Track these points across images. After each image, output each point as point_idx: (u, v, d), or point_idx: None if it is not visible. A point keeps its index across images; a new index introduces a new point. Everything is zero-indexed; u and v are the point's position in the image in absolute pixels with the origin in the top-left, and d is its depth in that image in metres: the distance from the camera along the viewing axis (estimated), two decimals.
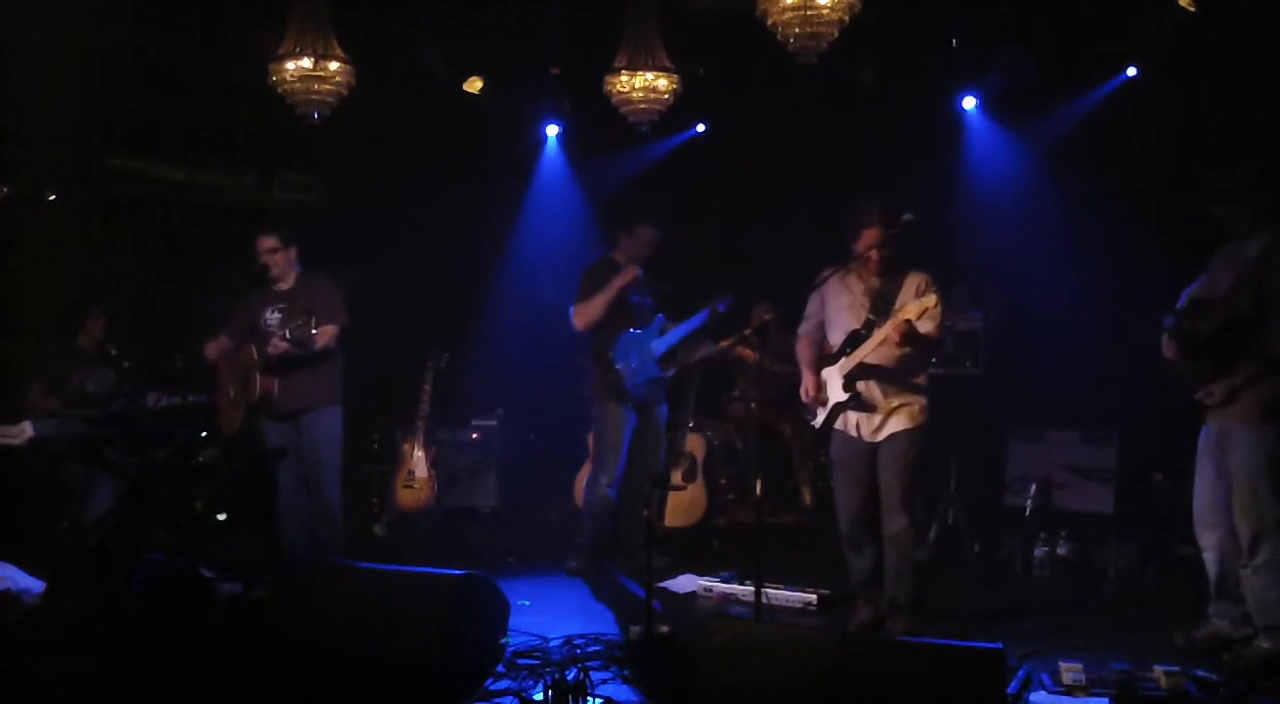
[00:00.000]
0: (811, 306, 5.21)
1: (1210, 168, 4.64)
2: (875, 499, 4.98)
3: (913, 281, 4.90)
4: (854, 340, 4.92)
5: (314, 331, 5.64)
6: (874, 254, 4.92)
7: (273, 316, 5.93)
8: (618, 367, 6.01)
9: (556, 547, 7.03)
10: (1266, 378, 4.35)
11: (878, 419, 4.94)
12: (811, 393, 5.07)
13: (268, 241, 5.92)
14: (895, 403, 4.92)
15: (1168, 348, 4.58)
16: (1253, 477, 4.39)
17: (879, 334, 4.80)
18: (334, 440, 5.99)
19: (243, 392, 5.94)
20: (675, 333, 6.04)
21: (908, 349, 4.80)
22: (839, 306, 5.05)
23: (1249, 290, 4.35)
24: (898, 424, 4.92)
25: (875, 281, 4.97)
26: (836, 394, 4.98)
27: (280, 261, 5.93)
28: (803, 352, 5.18)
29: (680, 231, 6.82)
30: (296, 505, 5.96)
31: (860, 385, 4.92)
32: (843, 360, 4.96)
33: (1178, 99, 6.95)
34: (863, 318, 4.92)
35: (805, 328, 5.22)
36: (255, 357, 5.85)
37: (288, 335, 5.64)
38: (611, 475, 6.05)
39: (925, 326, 4.76)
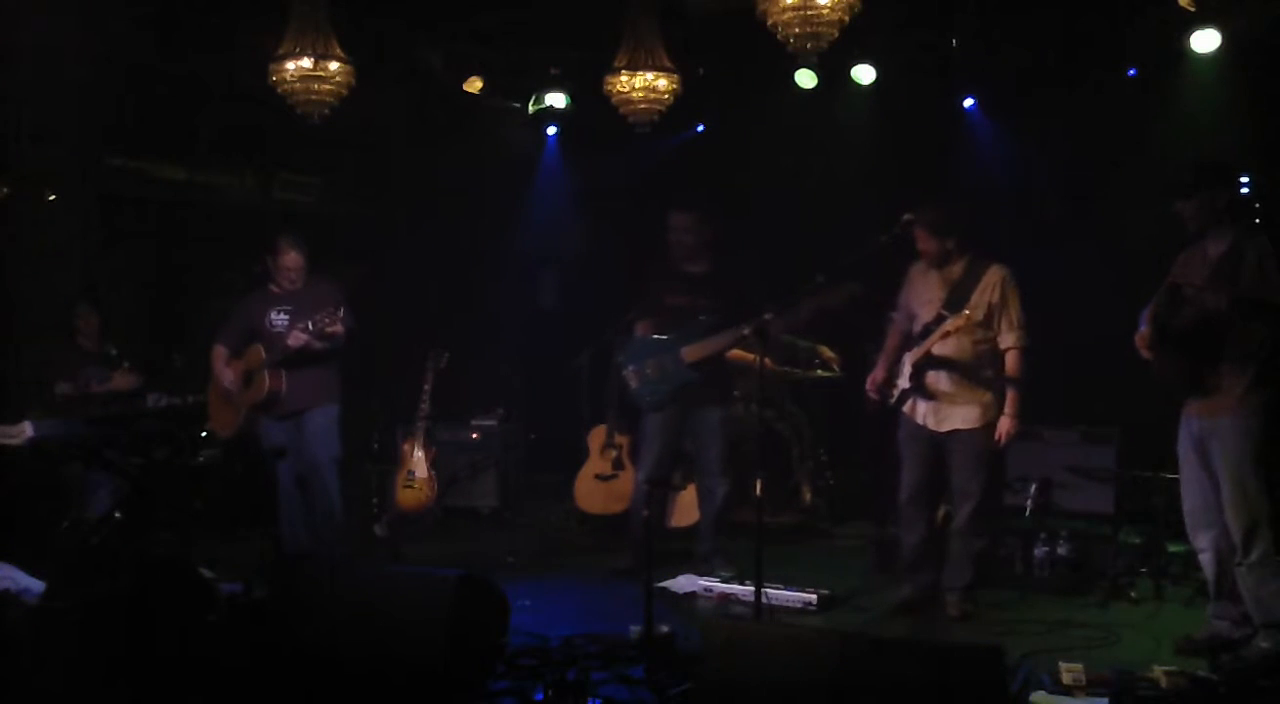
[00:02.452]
0: (902, 296, 5.46)
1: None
2: (932, 484, 5.25)
3: (991, 277, 5.15)
4: (925, 332, 5.17)
5: (338, 326, 5.67)
6: (922, 250, 5.20)
7: (279, 318, 5.94)
8: (624, 372, 6.00)
9: (556, 547, 7.04)
10: (1247, 367, 4.36)
11: (943, 410, 5.15)
12: (877, 382, 5.35)
13: (297, 259, 5.93)
14: (961, 397, 5.12)
15: (1141, 346, 4.59)
16: (1240, 472, 4.39)
17: (943, 327, 5.04)
18: (333, 437, 6.01)
19: (245, 391, 5.94)
20: (714, 338, 5.82)
21: (982, 345, 5.09)
22: (920, 299, 5.30)
23: (1220, 287, 4.36)
24: (963, 420, 5.13)
25: (955, 275, 5.21)
26: (904, 380, 5.26)
27: (301, 276, 5.96)
28: (889, 341, 5.48)
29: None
30: (296, 505, 5.96)
31: (929, 376, 5.15)
32: (915, 348, 5.21)
33: (1178, 98, 6.96)
34: (934, 309, 5.17)
35: (897, 316, 5.49)
36: (263, 356, 5.86)
37: (310, 327, 5.64)
38: (645, 471, 6.05)
39: (1008, 340, 5.07)
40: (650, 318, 6.05)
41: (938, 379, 5.17)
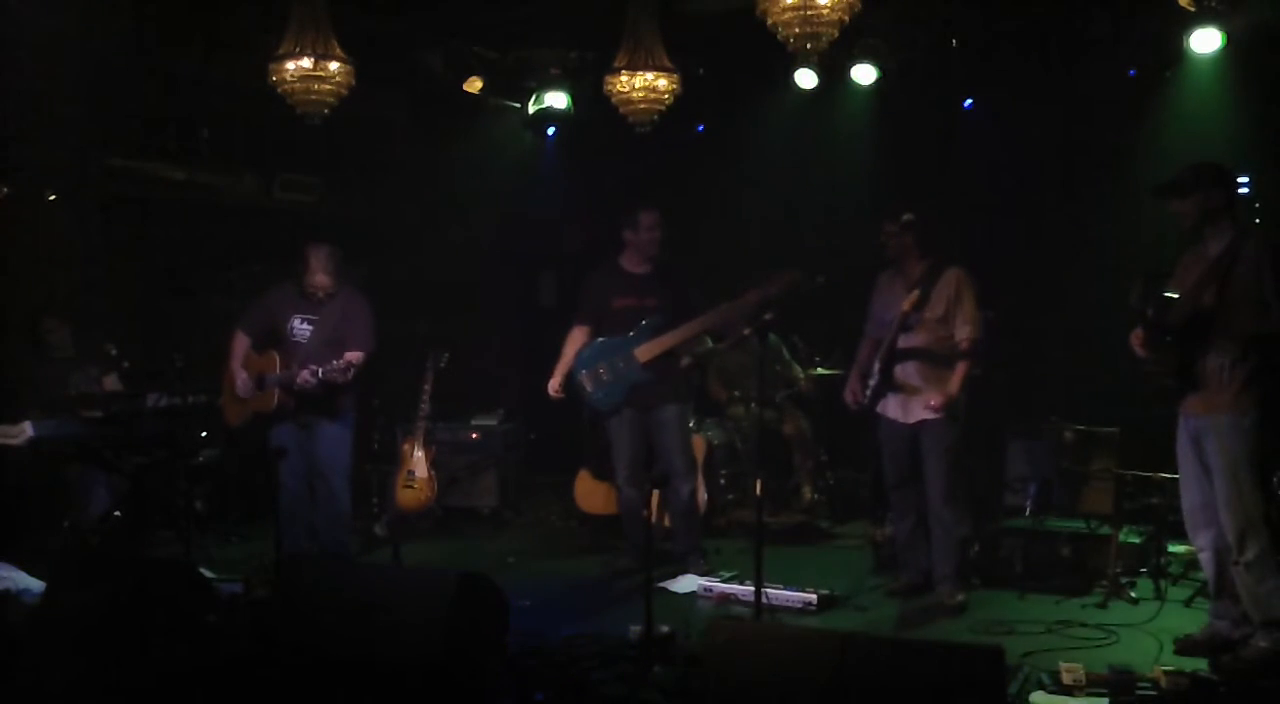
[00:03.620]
0: (871, 305, 5.63)
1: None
2: (913, 477, 5.45)
3: (949, 275, 5.34)
4: (891, 327, 5.39)
5: (348, 377, 5.68)
6: (895, 252, 5.40)
7: (302, 327, 5.96)
8: (577, 377, 6.01)
9: (556, 547, 7.04)
10: (1240, 365, 4.36)
11: (910, 402, 5.37)
12: (854, 394, 5.54)
13: (324, 280, 5.92)
14: (926, 390, 5.32)
15: (1136, 343, 4.61)
16: (1234, 471, 4.38)
17: (900, 309, 5.28)
18: (342, 447, 6.05)
19: (256, 397, 5.94)
20: (665, 336, 5.87)
21: (946, 341, 5.30)
22: (885, 303, 5.50)
23: (1212, 287, 4.37)
24: (928, 412, 5.29)
25: (916, 276, 5.39)
26: (874, 376, 5.47)
27: (329, 292, 5.96)
28: (861, 352, 5.62)
29: (679, 231, 6.81)
30: (299, 505, 5.97)
31: (897, 370, 5.38)
32: (882, 346, 5.44)
33: (1178, 98, 6.96)
34: (902, 308, 5.34)
35: (868, 328, 5.64)
36: (276, 368, 5.86)
37: (320, 374, 5.66)
38: (623, 474, 6.09)
39: (961, 332, 5.28)
40: (596, 322, 6.08)
41: (905, 372, 5.40)
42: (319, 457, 5.96)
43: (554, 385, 6.10)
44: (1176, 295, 4.47)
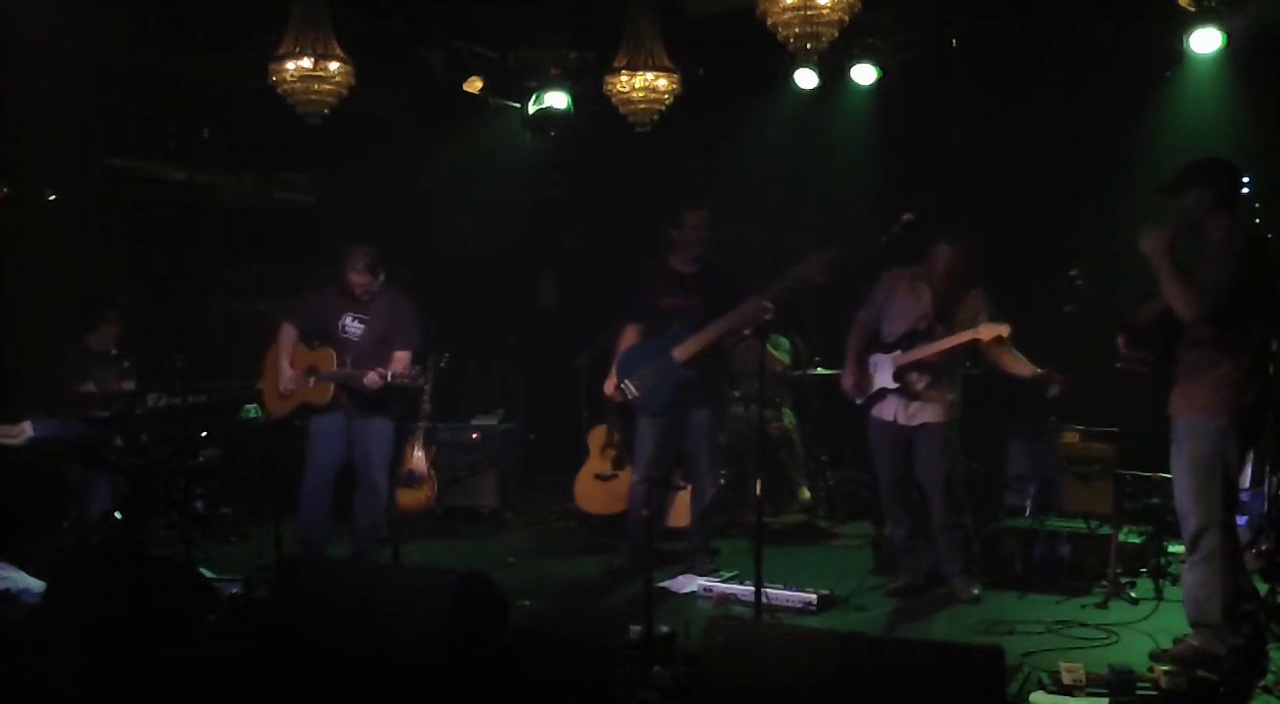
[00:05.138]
0: (877, 296, 5.65)
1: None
2: (908, 478, 5.58)
3: (974, 297, 5.44)
4: (911, 338, 5.45)
5: (418, 381, 5.87)
6: (944, 272, 5.44)
7: (353, 325, 6.01)
8: (623, 382, 6.01)
9: (556, 547, 7.05)
10: (1216, 366, 4.33)
11: (914, 406, 5.49)
12: (855, 381, 5.59)
13: (361, 279, 5.94)
14: (931, 395, 5.47)
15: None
16: (1195, 471, 4.35)
17: (944, 342, 5.35)
18: (388, 440, 6.14)
19: (306, 389, 5.96)
20: (700, 334, 5.85)
21: (955, 351, 5.40)
22: (903, 307, 5.53)
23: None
24: (931, 415, 5.47)
25: (943, 290, 5.47)
26: (884, 380, 5.52)
27: (371, 290, 6.00)
28: (854, 338, 5.65)
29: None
30: (324, 491, 6.04)
31: (907, 376, 5.48)
32: (898, 353, 5.49)
33: (1178, 98, 6.96)
34: (925, 320, 5.44)
35: (864, 315, 5.65)
36: (333, 365, 5.89)
37: (390, 378, 5.75)
38: (639, 473, 6.09)
39: (994, 331, 5.31)
40: (646, 321, 6.06)
41: (914, 379, 5.49)
42: (363, 450, 6.04)
43: (610, 386, 6.10)
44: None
